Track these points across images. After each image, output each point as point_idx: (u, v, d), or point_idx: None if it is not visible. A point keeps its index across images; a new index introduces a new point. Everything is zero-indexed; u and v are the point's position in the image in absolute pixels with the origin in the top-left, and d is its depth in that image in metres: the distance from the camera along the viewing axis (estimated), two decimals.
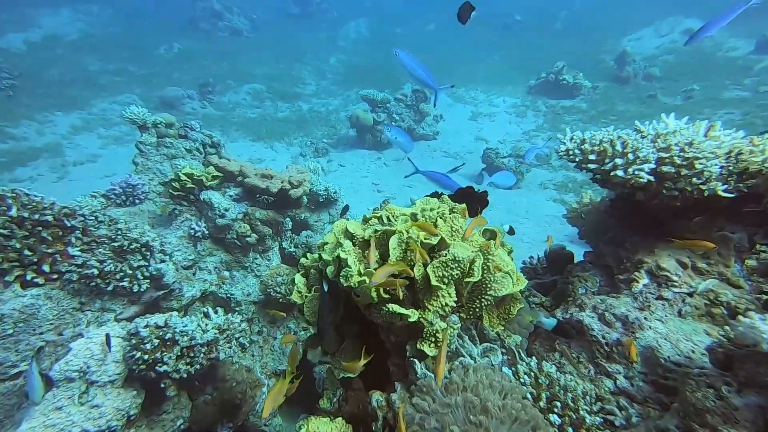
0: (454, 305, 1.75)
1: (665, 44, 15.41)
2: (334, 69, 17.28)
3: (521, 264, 2.94)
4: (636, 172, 1.64)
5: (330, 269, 1.78)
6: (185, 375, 2.48)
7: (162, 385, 2.50)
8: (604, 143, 1.73)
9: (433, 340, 1.70)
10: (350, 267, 1.64)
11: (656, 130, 1.75)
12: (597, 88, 12.15)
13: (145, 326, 2.44)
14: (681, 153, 1.60)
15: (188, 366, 2.51)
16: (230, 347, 2.91)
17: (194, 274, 3.63)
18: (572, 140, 1.86)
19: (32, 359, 2.04)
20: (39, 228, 2.57)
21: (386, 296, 1.65)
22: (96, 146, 9.59)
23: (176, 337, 2.46)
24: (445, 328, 1.68)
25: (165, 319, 2.51)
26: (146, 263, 2.97)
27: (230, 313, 3.19)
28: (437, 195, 2.14)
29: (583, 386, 1.57)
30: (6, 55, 12.65)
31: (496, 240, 1.82)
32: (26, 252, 2.50)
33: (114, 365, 2.35)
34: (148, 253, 3.00)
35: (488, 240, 1.92)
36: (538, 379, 1.55)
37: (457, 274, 1.71)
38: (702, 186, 1.62)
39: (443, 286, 1.68)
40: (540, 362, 1.66)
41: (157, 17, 20.02)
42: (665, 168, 1.64)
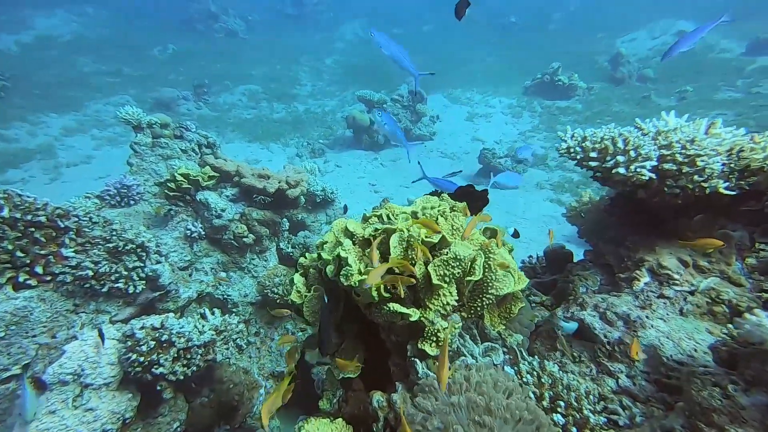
0: (456, 304, 1.73)
1: (658, 46, 15.51)
2: (331, 70, 17.25)
3: (520, 263, 2.93)
4: (638, 170, 1.63)
5: (330, 268, 1.76)
6: (182, 377, 2.45)
7: (158, 388, 2.47)
8: (606, 141, 1.72)
9: (435, 340, 1.68)
10: (350, 266, 1.62)
11: (657, 128, 1.74)
12: (592, 89, 12.21)
13: (141, 328, 2.41)
14: (683, 150, 1.59)
15: (185, 368, 2.47)
16: (227, 349, 2.87)
17: (191, 275, 3.59)
18: (573, 138, 1.85)
19: (23, 377, 1.99)
20: (32, 229, 2.52)
21: (387, 295, 1.63)
22: (90, 147, 9.49)
23: (173, 339, 2.42)
24: (447, 327, 1.67)
25: (161, 321, 2.47)
26: (142, 264, 2.93)
27: (227, 315, 3.15)
28: (437, 193, 2.12)
29: (586, 385, 1.56)
30: None
31: (498, 238, 1.80)
32: (18, 253, 2.45)
33: (109, 367, 2.31)
34: (144, 254, 2.96)
35: (489, 239, 1.91)
36: (541, 379, 1.54)
37: (459, 273, 1.69)
38: (704, 183, 1.61)
39: (444, 285, 1.66)
40: (542, 361, 1.64)
41: (152, 19, 19.92)
42: (667, 165, 1.64)
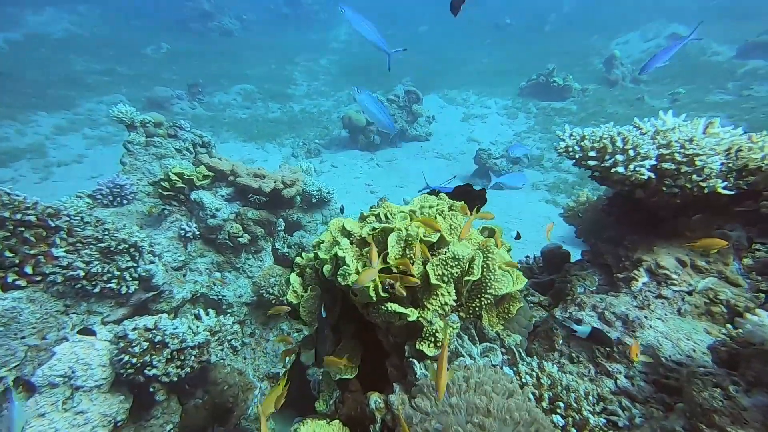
0: (454, 304, 1.72)
1: (651, 48, 15.65)
2: (326, 70, 17.21)
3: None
4: (637, 169, 1.63)
5: (327, 268, 1.74)
6: (175, 378, 2.41)
7: (151, 389, 2.43)
8: (604, 140, 1.71)
9: (433, 340, 1.66)
10: (348, 265, 1.60)
11: (655, 127, 1.74)
12: (586, 91, 12.29)
13: (134, 329, 2.37)
14: (681, 149, 1.59)
15: (178, 369, 2.43)
16: (222, 350, 2.84)
17: (185, 276, 3.54)
18: (571, 137, 1.84)
19: (11, 393, 1.94)
20: (21, 228, 2.47)
21: (385, 295, 1.61)
22: (81, 147, 9.37)
23: (166, 340, 2.38)
24: (445, 327, 1.65)
25: (154, 322, 2.43)
26: (135, 264, 2.89)
27: (222, 315, 3.12)
28: (435, 193, 2.11)
29: (585, 386, 1.55)
30: None
31: (497, 238, 1.79)
32: (7, 253, 2.40)
33: (100, 369, 2.27)
34: (137, 254, 2.91)
35: (487, 238, 1.89)
36: (540, 380, 1.52)
37: (457, 273, 1.67)
38: (702, 183, 1.61)
39: (443, 285, 1.65)
40: (541, 362, 1.63)
41: (146, 17, 19.76)
42: (666, 165, 1.63)
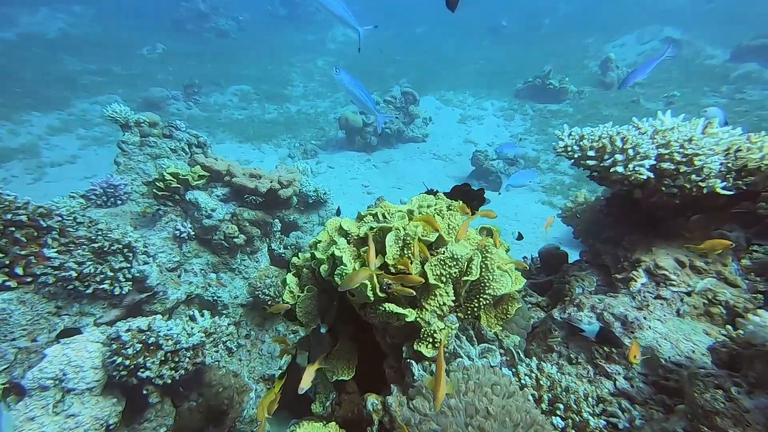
0: (452, 305, 1.70)
1: (647, 51, 15.76)
2: (323, 71, 17.18)
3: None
4: (636, 168, 1.62)
5: (324, 268, 1.71)
6: (169, 381, 2.37)
7: (144, 392, 2.39)
8: (604, 139, 1.70)
9: (431, 341, 1.64)
10: (345, 265, 1.58)
11: (654, 127, 1.74)
12: (582, 93, 12.34)
13: (127, 330, 2.33)
14: (681, 149, 1.58)
15: (172, 371, 2.40)
16: (217, 351, 2.80)
17: (179, 277, 3.50)
18: (570, 136, 1.83)
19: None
20: (11, 228, 2.43)
21: (383, 295, 1.59)
22: (75, 147, 9.29)
23: (160, 342, 2.35)
24: (443, 328, 1.63)
25: (148, 323, 2.40)
26: (128, 265, 2.85)
27: (217, 317, 3.08)
28: (432, 192, 2.09)
29: (585, 387, 1.54)
30: None
31: (495, 238, 1.77)
32: None
33: (92, 371, 2.23)
34: (131, 255, 2.88)
35: (486, 238, 1.88)
36: (540, 381, 1.51)
37: (456, 273, 1.66)
38: (701, 183, 1.60)
39: (441, 285, 1.63)
40: (540, 363, 1.61)
41: (141, 18, 19.66)
42: (665, 164, 1.63)
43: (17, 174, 7.87)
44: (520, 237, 2.39)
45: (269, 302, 3.49)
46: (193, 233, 3.67)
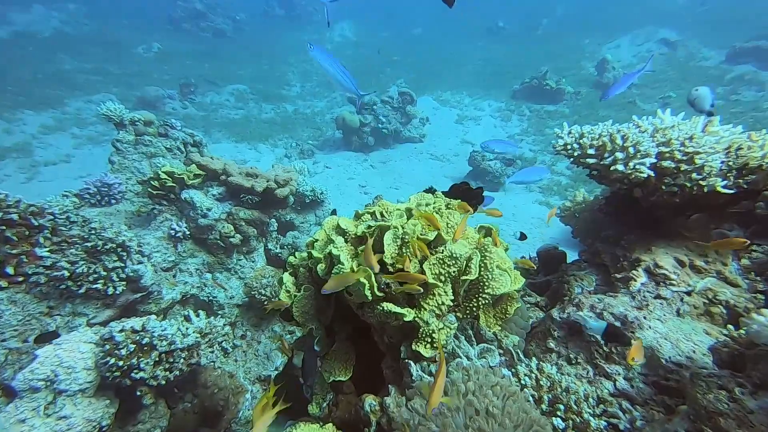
0: (451, 304, 1.68)
1: (642, 53, 15.84)
2: (320, 71, 17.13)
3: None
4: (637, 167, 1.60)
5: (321, 267, 1.69)
6: (163, 382, 2.34)
7: (138, 393, 2.35)
8: (604, 137, 1.69)
9: (429, 341, 1.62)
10: (343, 264, 1.55)
11: (654, 125, 1.72)
12: (579, 94, 12.37)
13: (121, 330, 2.29)
14: (682, 147, 1.57)
15: (167, 372, 2.36)
16: (212, 352, 2.77)
17: (174, 276, 3.46)
18: (570, 134, 1.82)
19: None
20: (2, 227, 2.39)
21: (380, 295, 1.57)
22: (69, 146, 9.19)
23: (154, 342, 2.31)
24: (442, 328, 1.61)
25: (142, 323, 2.36)
26: (122, 264, 2.81)
27: (212, 317, 3.05)
28: (431, 191, 2.07)
29: (585, 388, 1.52)
30: None
31: (494, 237, 1.76)
32: None
33: (85, 372, 2.19)
34: (125, 254, 2.84)
35: (485, 237, 1.86)
36: (539, 381, 1.49)
37: (454, 272, 1.64)
38: (702, 182, 1.59)
39: (440, 284, 1.61)
40: (540, 363, 1.59)
41: (136, 17, 19.51)
42: (665, 163, 1.61)
43: (10, 173, 7.78)
44: (523, 237, 2.36)
45: (265, 302, 3.46)
46: (189, 233, 3.63)
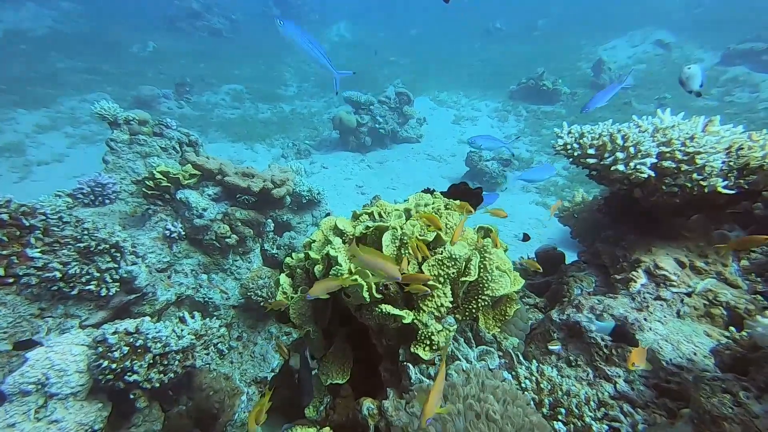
0: (450, 306, 1.66)
1: (638, 54, 15.93)
2: (317, 71, 17.09)
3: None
4: (638, 167, 1.59)
5: (318, 268, 1.66)
6: (158, 384, 2.31)
7: (131, 396, 2.32)
8: (604, 137, 1.67)
9: (428, 343, 1.60)
10: (341, 265, 1.53)
11: (654, 125, 1.71)
12: (575, 94, 12.40)
13: (114, 333, 2.26)
14: (682, 147, 1.56)
15: (161, 375, 2.33)
16: (208, 354, 2.74)
17: (169, 277, 3.42)
18: (570, 134, 1.80)
19: None
20: None
21: (379, 296, 1.55)
22: (63, 146, 9.10)
23: (148, 344, 2.28)
24: (441, 330, 1.59)
25: (136, 325, 2.33)
26: (116, 265, 2.77)
27: (208, 318, 3.01)
28: (429, 191, 2.05)
29: (586, 391, 1.50)
30: None
31: (494, 238, 1.74)
32: None
33: (77, 375, 2.15)
34: (118, 255, 2.80)
35: (484, 238, 1.84)
36: (540, 384, 1.47)
37: (454, 273, 1.62)
38: (702, 182, 1.58)
39: (439, 286, 1.59)
40: (540, 366, 1.58)
41: (131, 16, 19.37)
42: (666, 163, 1.60)
43: (2, 173, 7.69)
44: (527, 238, 2.34)
45: (262, 303, 3.43)
46: (184, 233, 3.59)
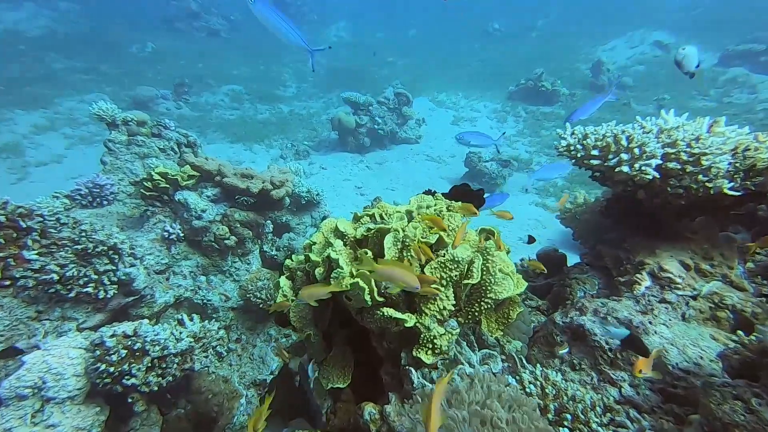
0: (453, 309, 1.64)
1: (636, 55, 15.95)
2: (315, 72, 17.07)
3: None
4: (643, 168, 1.57)
5: (319, 271, 1.64)
6: (156, 388, 2.28)
7: (129, 400, 2.29)
8: (608, 138, 1.65)
9: (431, 347, 1.58)
10: (342, 268, 1.50)
11: (659, 126, 1.69)
12: (574, 95, 12.41)
13: (112, 335, 2.23)
14: (688, 148, 1.54)
15: (159, 378, 2.30)
16: (206, 357, 2.71)
17: (168, 279, 3.39)
18: (573, 135, 1.78)
19: None
20: None
21: (381, 299, 1.52)
22: (61, 146, 9.05)
23: (146, 347, 2.25)
24: (444, 334, 1.57)
25: (134, 328, 2.30)
26: (114, 267, 2.74)
27: (207, 320, 2.98)
28: (431, 192, 2.03)
29: (591, 396, 1.48)
30: None
31: (497, 240, 1.72)
32: None
33: (74, 379, 2.12)
34: (116, 257, 2.77)
35: (486, 240, 1.82)
36: (545, 389, 1.45)
37: (456, 276, 1.60)
38: (708, 183, 1.56)
39: (441, 289, 1.57)
40: (545, 370, 1.55)
41: (130, 16, 19.30)
42: (671, 164, 1.58)
43: (0, 174, 7.65)
44: (532, 240, 2.31)
45: (261, 305, 3.40)
46: (183, 235, 3.56)
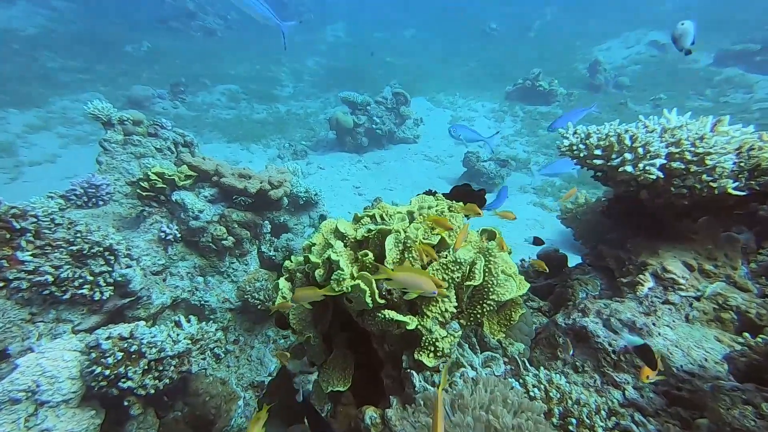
0: (454, 311, 1.61)
1: (632, 55, 16.01)
2: (312, 71, 17.02)
3: None
4: (647, 168, 1.55)
5: (319, 272, 1.61)
6: (152, 391, 2.25)
7: (125, 403, 2.25)
8: (611, 137, 1.64)
9: (432, 349, 1.56)
10: (342, 270, 1.48)
11: (662, 125, 1.68)
12: (572, 95, 12.43)
13: (107, 338, 2.19)
14: (692, 148, 1.53)
15: (156, 381, 2.27)
16: (204, 358, 2.68)
17: (164, 280, 3.35)
18: (575, 135, 1.76)
19: None
20: None
21: (382, 302, 1.50)
22: (55, 146, 8.95)
23: (143, 350, 2.22)
24: (446, 336, 1.54)
25: (130, 330, 2.26)
26: (110, 268, 2.70)
27: (204, 322, 2.95)
28: (431, 193, 2.00)
29: (595, 399, 1.46)
30: None
31: (500, 241, 1.69)
32: None
33: (69, 382, 2.09)
34: (112, 258, 2.73)
35: (488, 241, 1.80)
36: (549, 393, 1.43)
37: (458, 277, 1.57)
38: (712, 183, 1.55)
39: (444, 291, 1.54)
40: (549, 373, 1.53)
41: (125, 15, 19.16)
42: (675, 164, 1.56)
43: None
44: (538, 242, 2.29)
45: (259, 307, 3.37)
46: (180, 235, 3.52)
